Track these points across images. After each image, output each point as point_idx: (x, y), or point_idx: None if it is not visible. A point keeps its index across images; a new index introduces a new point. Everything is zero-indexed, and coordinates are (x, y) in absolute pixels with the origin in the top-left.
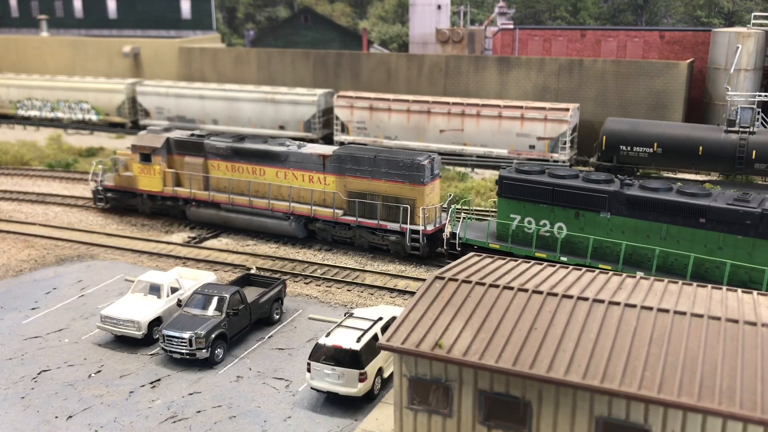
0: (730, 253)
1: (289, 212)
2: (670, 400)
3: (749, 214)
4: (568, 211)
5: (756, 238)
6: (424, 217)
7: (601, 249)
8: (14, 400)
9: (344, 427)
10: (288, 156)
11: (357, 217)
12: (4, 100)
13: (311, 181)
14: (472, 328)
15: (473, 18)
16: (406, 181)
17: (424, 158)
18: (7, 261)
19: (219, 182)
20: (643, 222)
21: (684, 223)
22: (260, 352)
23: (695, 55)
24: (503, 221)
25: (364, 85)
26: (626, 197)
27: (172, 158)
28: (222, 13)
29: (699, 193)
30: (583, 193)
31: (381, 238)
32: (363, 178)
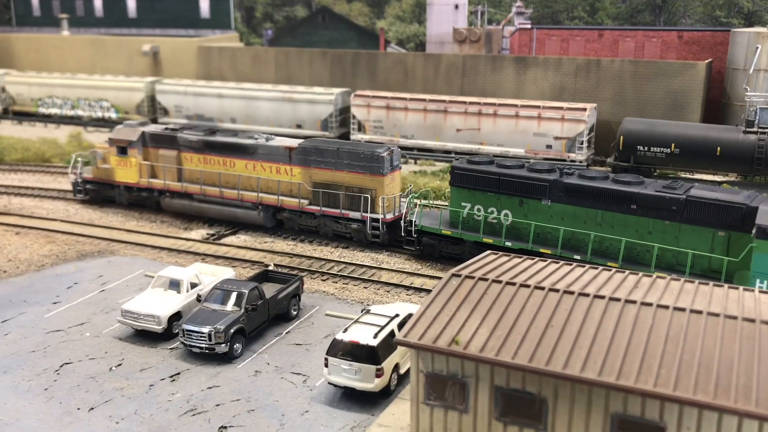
0: (659, 238)
1: (258, 202)
2: (685, 397)
3: (675, 200)
4: (513, 198)
5: (681, 223)
6: (383, 206)
7: (543, 234)
8: (37, 392)
9: (361, 421)
10: (256, 148)
11: (321, 206)
12: (26, 98)
13: (278, 173)
14: (488, 324)
15: (490, 18)
16: (366, 172)
17: (384, 150)
18: (30, 256)
19: (192, 174)
20: (581, 209)
21: (617, 209)
22: (278, 348)
23: (714, 55)
24: (455, 209)
25: (380, 85)
26: (564, 185)
27: (148, 151)
28: (240, 12)
29: (631, 182)
30: (526, 182)
31: (344, 227)
32: (327, 170)
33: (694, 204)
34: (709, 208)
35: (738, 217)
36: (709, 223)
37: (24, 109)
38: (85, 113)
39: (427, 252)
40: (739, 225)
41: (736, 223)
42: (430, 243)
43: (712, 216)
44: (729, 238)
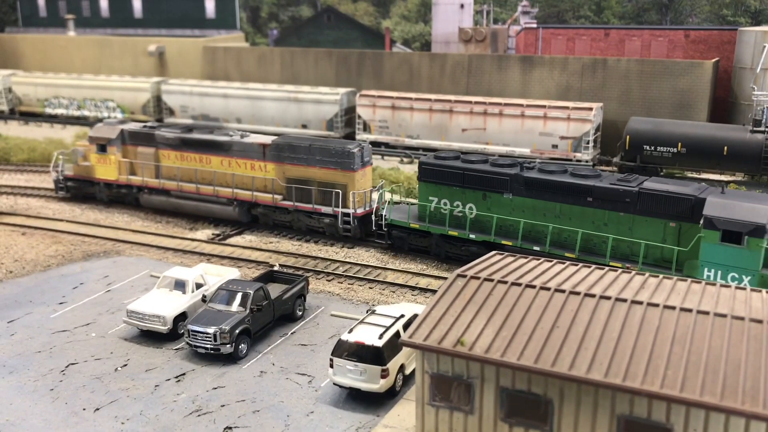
0: (614, 229)
1: (233, 198)
2: (692, 399)
3: (628, 192)
4: (477, 192)
5: (635, 214)
6: (354, 200)
7: (505, 226)
8: (43, 392)
9: (366, 422)
10: (231, 145)
11: (294, 201)
12: (32, 99)
13: (253, 169)
14: (494, 325)
15: (496, 17)
16: (338, 167)
17: (354, 146)
18: (36, 256)
19: (169, 170)
20: (540, 201)
21: (574, 201)
22: (283, 348)
23: (721, 54)
24: (423, 203)
25: (386, 85)
26: (524, 179)
27: (126, 148)
28: (246, 12)
29: (588, 175)
30: (489, 176)
31: (317, 221)
32: (299, 166)
33: (646, 196)
34: (660, 200)
35: (687, 208)
36: (660, 214)
37: (30, 110)
38: (91, 113)
39: (397, 245)
40: (689, 216)
41: (685, 214)
42: (400, 236)
43: (663, 207)
44: (679, 228)
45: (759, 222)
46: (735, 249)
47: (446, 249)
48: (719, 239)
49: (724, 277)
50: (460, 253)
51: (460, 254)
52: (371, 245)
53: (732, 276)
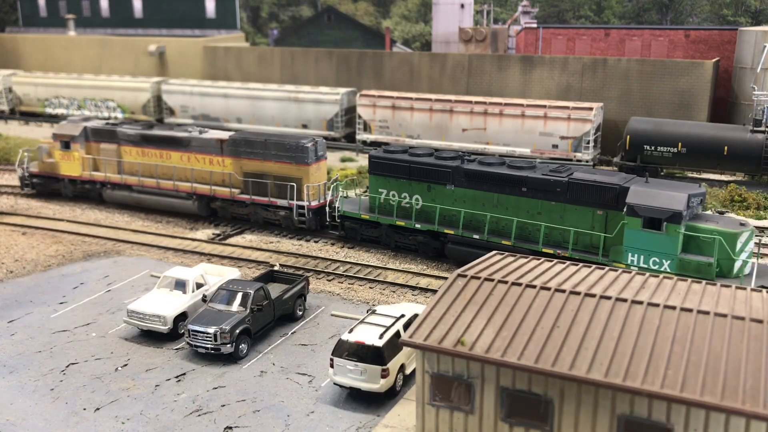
0: (547, 217)
1: (192, 192)
2: (692, 399)
3: (558, 182)
4: (423, 184)
5: (565, 203)
6: (308, 193)
7: (448, 216)
8: (44, 392)
9: (366, 422)
10: (190, 141)
11: (251, 195)
12: (33, 99)
13: (211, 164)
14: (494, 325)
15: (496, 17)
16: (292, 161)
17: (308, 141)
18: (36, 256)
19: (131, 166)
20: (479, 192)
21: (510, 192)
22: (284, 348)
23: (721, 54)
24: (373, 195)
25: (386, 84)
26: (465, 171)
27: (90, 145)
28: (246, 12)
29: (523, 167)
30: (433, 168)
31: (273, 214)
32: (256, 160)
33: (575, 186)
34: (588, 189)
35: (613, 197)
36: (588, 202)
37: (31, 110)
38: (92, 113)
39: (350, 235)
40: (614, 204)
41: (611, 202)
42: (352, 227)
43: (591, 196)
44: (606, 216)
45: (676, 209)
46: (655, 235)
47: (395, 239)
48: (641, 226)
49: (646, 262)
50: (408, 242)
51: (408, 243)
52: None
53: (653, 261)
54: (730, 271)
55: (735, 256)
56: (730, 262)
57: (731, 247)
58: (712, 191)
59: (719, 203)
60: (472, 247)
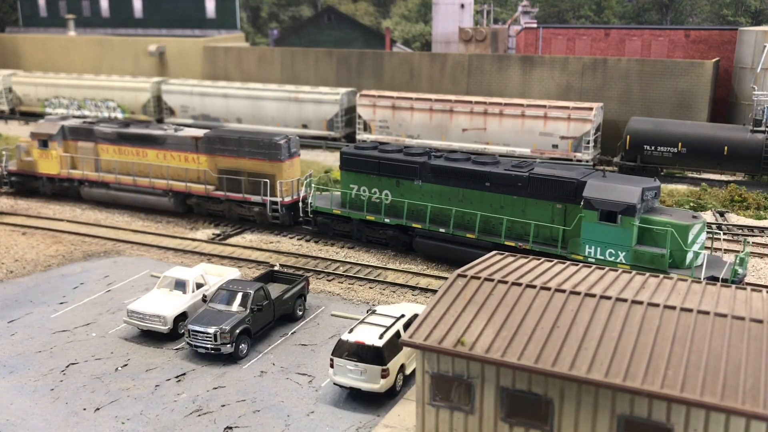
0: (509, 211)
1: (168, 189)
2: (692, 399)
3: (520, 177)
4: (392, 180)
5: (526, 197)
6: (281, 189)
7: (416, 211)
8: (44, 392)
9: (366, 422)
10: (166, 139)
11: (225, 191)
12: (33, 99)
13: (186, 161)
14: (494, 325)
15: (496, 17)
16: (266, 158)
17: (281, 138)
18: (36, 256)
19: (108, 164)
20: (446, 187)
21: (474, 186)
22: (284, 348)
23: (721, 54)
24: (344, 190)
25: (386, 84)
26: (431, 167)
27: (67, 143)
28: (246, 12)
29: (487, 162)
30: (401, 164)
31: (247, 210)
32: (230, 157)
33: (535, 180)
34: (548, 184)
35: (571, 191)
36: (548, 196)
37: (31, 110)
38: (92, 113)
39: (322, 230)
40: (573, 198)
41: (570, 196)
42: (324, 222)
43: (551, 190)
44: (565, 209)
45: (631, 202)
46: (611, 227)
47: (366, 233)
48: (598, 218)
49: (602, 254)
50: (378, 236)
51: (379, 237)
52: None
53: (609, 252)
54: (683, 262)
55: (687, 247)
56: (683, 253)
57: (683, 239)
58: (712, 191)
59: (719, 203)
60: (438, 240)
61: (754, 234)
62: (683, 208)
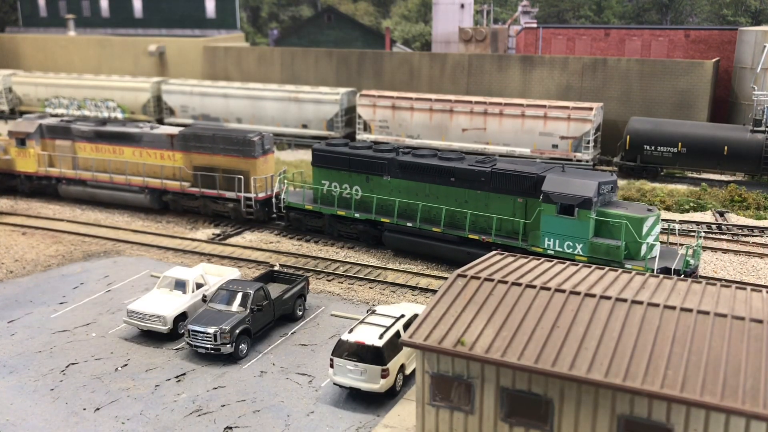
0: (473, 205)
1: (144, 186)
2: (692, 399)
3: (483, 172)
4: (361, 175)
5: (489, 192)
6: (255, 185)
7: (385, 206)
8: (44, 392)
9: (366, 422)
10: (142, 136)
11: (200, 188)
12: (33, 99)
13: (162, 158)
14: (494, 325)
15: (496, 17)
16: (240, 155)
17: (255, 135)
18: (36, 256)
19: (85, 162)
20: (413, 182)
21: (440, 182)
22: (284, 348)
23: (721, 54)
24: (316, 186)
25: (386, 84)
26: (399, 163)
27: (45, 142)
28: (246, 12)
29: (452, 158)
30: (370, 160)
31: (222, 206)
32: (205, 154)
33: (497, 175)
34: (509, 179)
35: (531, 185)
36: (510, 191)
37: (31, 110)
38: (92, 113)
39: (295, 226)
40: (533, 192)
41: (530, 190)
42: (297, 217)
43: (512, 185)
44: (526, 203)
45: (587, 195)
46: (569, 220)
47: (338, 228)
48: (556, 212)
49: (561, 246)
50: (349, 231)
51: (350, 232)
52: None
53: (568, 244)
54: (638, 254)
55: (641, 239)
56: (637, 245)
57: (637, 231)
58: (712, 191)
59: (719, 203)
60: (406, 234)
61: (753, 234)
62: (683, 207)
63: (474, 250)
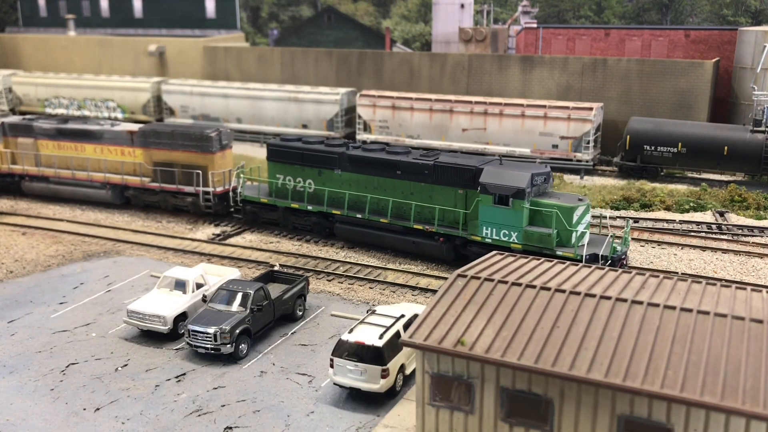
0: (418, 197)
1: (106, 182)
2: (692, 399)
3: (426, 165)
4: (314, 169)
5: (432, 184)
6: (213, 180)
7: (336, 198)
8: (44, 392)
9: (366, 422)
10: (102, 134)
11: (160, 183)
12: (33, 99)
13: (122, 154)
14: (494, 325)
15: (496, 17)
16: (198, 150)
17: (212, 131)
18: (36, 256)
19: (48, 159)
20: (362, 176)
21: (387, 175)
22: (284, 348)
23: (721, 54)
24: (271, 180)
25: (386, 84)
26: (349, 156)
27: (8, 140)
28: (246, 12)
29: (398, 152)
30: (322, 155)
31: (181, 200)
32: (164, 150)
33: (439, 168)
34: (450, 171)
35: (470, 177)
36: (451, 183)
37: (31, 110)
38: (92, 113)
39: (251, 218)
40: (472, 183)
41: (469, 182)
42: (253, 210)
43: (453, 177)
44: (466, 194)
45: (520, 186)
46: (504, 210)
47: (292, 220)
48: (492, 202)
49: (497, 234)
50: (303, 223)
51: (303, 224)
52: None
53: (504, 233)
54: (569, 241)
55: (571, 227)
56: (568, 233)
57: (567, 220)
58: (712, 191)
59: (719, 203)
60: (356, 225)
61: (753, 234)
62: (683, 207)
63: (419, 239)
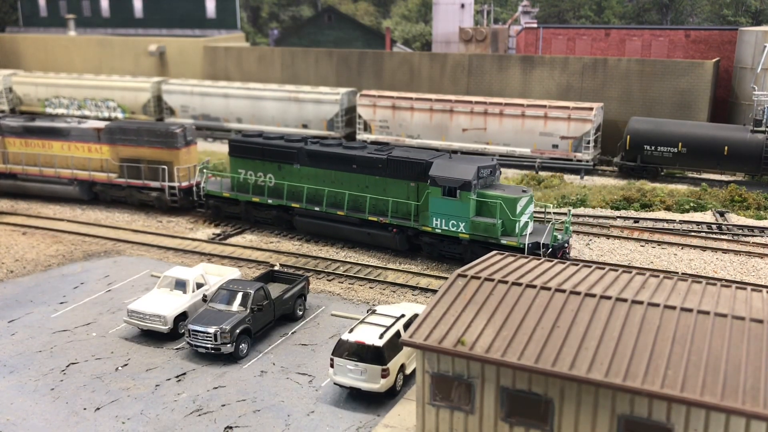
0: (373, 190)
1: (73, 178)
2: (692, 398)
3: (380, 160)
4: (274, 164)
5: (386, 177)
6: (178, 175)
7: (295, 192)
8: (44, 392)
9: (367, 422)
10: (70, 131)
11: (127, 178)
12: (33, 98)
13: (90, 151)
14: (494, 325)
15: (497, 17)
16: (163, 146)
17: (177, 127)
18: (36, 256)
19: (15, 156)
20: (320, 170)
21: (344, 169)
22: (284, 348)
23: (721, 54)
24: (233, 175)
25: (386, 84)
26: (307, 152)
27: None
28: (246, 12)
29: (354, 147)
30: (282, 150)
31: (147, 195)
32: (130, 146)
33: (393, 162)
34: (403, 165)
35: (421, 171)
36: (404, 176)
37: (31, 110)
38: (92, 113)
39: (215, 213)
40: (423, 176)
41: (420, 175)
42: (216, 204)
43: (405, 171)
44: (417, 187)
45: (467, 178)
46: (452, 201)
47: (254, 214)
48: (441, 194)
49: (447, 225)
50: (264, 216)
51: (264, 218)
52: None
53: (452, 223)
54: (513, 230)
55: (515, 217)
56: (512, 222)
57: (511, 210)
58: (712, 191)
59: (719, 203)
60: (314, 218)
61: (754, 234)
62: (683, 207)
63: (374, 230)
